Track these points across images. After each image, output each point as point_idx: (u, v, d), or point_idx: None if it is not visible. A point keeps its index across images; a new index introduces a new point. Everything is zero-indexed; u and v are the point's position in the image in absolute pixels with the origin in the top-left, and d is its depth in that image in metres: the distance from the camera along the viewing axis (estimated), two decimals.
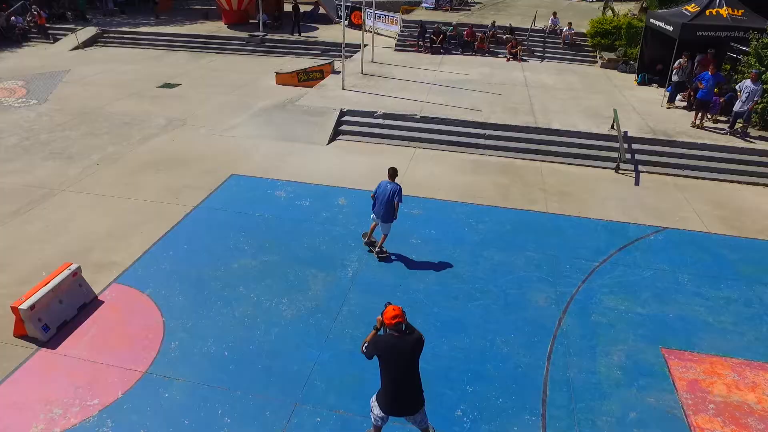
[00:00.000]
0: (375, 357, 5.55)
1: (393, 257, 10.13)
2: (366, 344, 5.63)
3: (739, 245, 11.01)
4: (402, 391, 5.53)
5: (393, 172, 9.69)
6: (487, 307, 8.83)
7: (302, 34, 28.48)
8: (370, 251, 10.16)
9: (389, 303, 5.64)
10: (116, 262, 9.68)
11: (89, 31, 28.56)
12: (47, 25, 29.47)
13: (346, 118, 16.37)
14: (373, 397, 5.74)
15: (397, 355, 5.46)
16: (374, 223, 10.02)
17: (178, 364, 7.48)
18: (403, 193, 9.58)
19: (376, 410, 5.71)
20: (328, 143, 15.37)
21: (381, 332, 5.66)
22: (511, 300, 9.03)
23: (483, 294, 9.13)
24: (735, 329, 8.57)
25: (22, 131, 15.76)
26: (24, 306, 7.55)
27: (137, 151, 14.44)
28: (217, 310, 8.55)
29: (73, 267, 8.47)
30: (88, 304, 8.53)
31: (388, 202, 9.43)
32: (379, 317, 5.62)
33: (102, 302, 8.65)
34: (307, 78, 21.18)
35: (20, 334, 7.79)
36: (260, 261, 9.81)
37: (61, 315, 8.04)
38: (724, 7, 16.98)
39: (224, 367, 7.46)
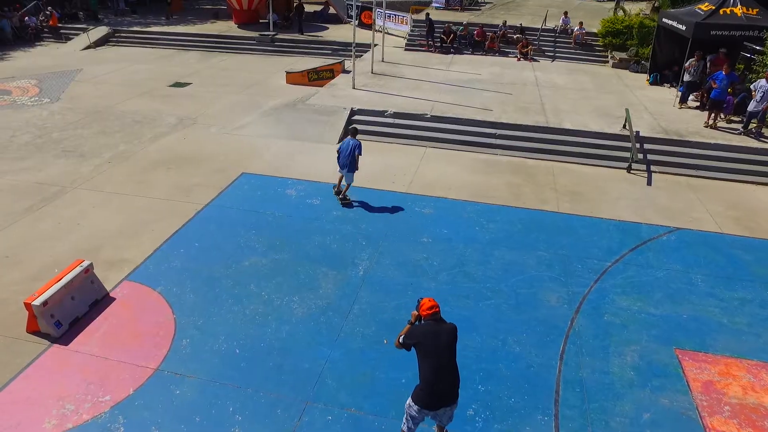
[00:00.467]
0: (413, 349, 5.60)
1: (356, 204, 11.87)
2: (402, 336, 5.68)
3: (754, 246, 10.88)
4: (442, 380, 5.46)
5: (354, 131, 11.81)
6: (499, 306, 8.78)
7: (312, 34, 28.53)
8: (339, 200, 11.89)
9: (422, 297, 5.82)
10: (127, 260, 9.71)
11: (101, 31, 28.73)
12: (59, 25, 29.69)
13: (356, 117, 16.35)
14: (409, 400, 5.66)
15: (436, 339, 5.50)
16: (340, 174, 11.77)
17: (189, 362, 7.48)
18: (360, 149, 11.43)
19: (413, 410, 5.62)
20: (339, 142, 15.34)
21: (416, 324, 5.77)
22: (522, 299, 8.97)
23: (494, 293, 9.07)
24: (750, 330, 8.47)
25: (35, 129, 15.87)
26: (37, 302, 7.59)
27: (148, 150, 14.50)
28: (228, 308, 8.56)
29: (85, 264, 8.50)
30: (100, 300, 8.55)
31: (350, 155, 11.29)
32: (414, 312, 5.76)
33: (113, 299, 8.67)
34: (318, 77, 21.19)
35: (33, 330, 7.83)
36: (271, 259, 9.81)
37: (73, 311, 8.07)
38: (739, 6, 16.83)
39: (235, 364, 7.46)
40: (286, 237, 10.49)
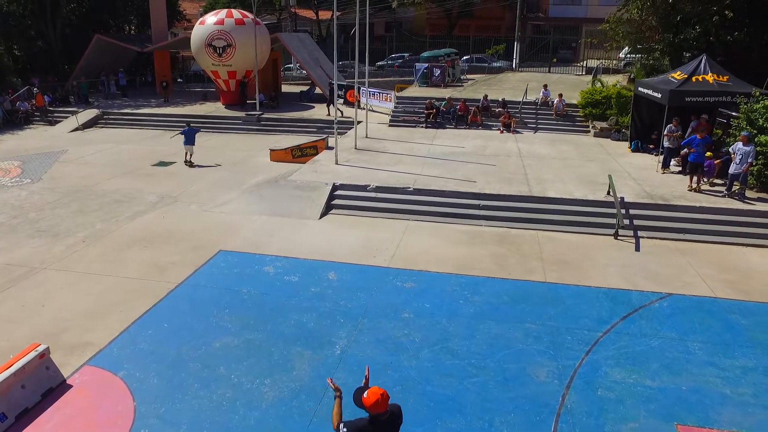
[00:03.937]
0: None
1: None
2: (343, 426, 4.84)
3: (750, 310, 10.45)
4: None
5: (188, 124, 20.83)
6: (485, 384, 8.19)
7: (288, 113, 29.04)
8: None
9: (369, 385, 5.04)
10: (91, 343, 9.13)
11: (90, 113, 29.21)
12: (50, 109, 30.17)
13: (338, 192, 16.20)
14: None
15: None
16: (186, 148, 20.21)
17: None
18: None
19: None
20: (320, 217, 15.10)
21: (358, 419, 4.95)
22: (510, 375, 8.40)
23: (480, 370, 8.50)
24: (756, 401, 7.89)
25: (11, 210, 15.59)
26: None
27: (125, 228, 14.17)
28: (193, 393, 7.93)
29: (41, 348, 7.93)
30: (55, 388, 7.92)
31: (191, 133, 20.12)
32: (361, 393, 4.91)
33: (70, 386, 8.04)
34: (301, 154, 21.30)
35: None
36: (244, 339, 9.26)
37: (22, 401, 7.42)
38: (710, 74, 17.23)
39: None
40: (261, 316, 9.98)
